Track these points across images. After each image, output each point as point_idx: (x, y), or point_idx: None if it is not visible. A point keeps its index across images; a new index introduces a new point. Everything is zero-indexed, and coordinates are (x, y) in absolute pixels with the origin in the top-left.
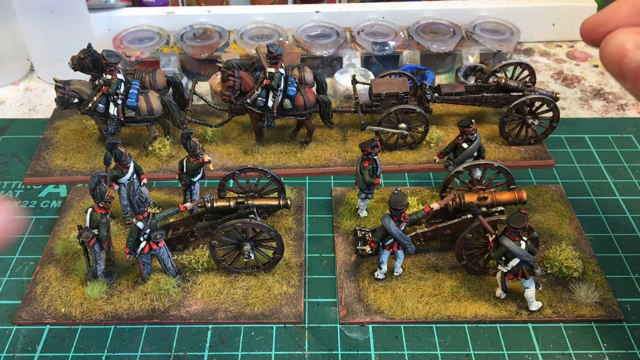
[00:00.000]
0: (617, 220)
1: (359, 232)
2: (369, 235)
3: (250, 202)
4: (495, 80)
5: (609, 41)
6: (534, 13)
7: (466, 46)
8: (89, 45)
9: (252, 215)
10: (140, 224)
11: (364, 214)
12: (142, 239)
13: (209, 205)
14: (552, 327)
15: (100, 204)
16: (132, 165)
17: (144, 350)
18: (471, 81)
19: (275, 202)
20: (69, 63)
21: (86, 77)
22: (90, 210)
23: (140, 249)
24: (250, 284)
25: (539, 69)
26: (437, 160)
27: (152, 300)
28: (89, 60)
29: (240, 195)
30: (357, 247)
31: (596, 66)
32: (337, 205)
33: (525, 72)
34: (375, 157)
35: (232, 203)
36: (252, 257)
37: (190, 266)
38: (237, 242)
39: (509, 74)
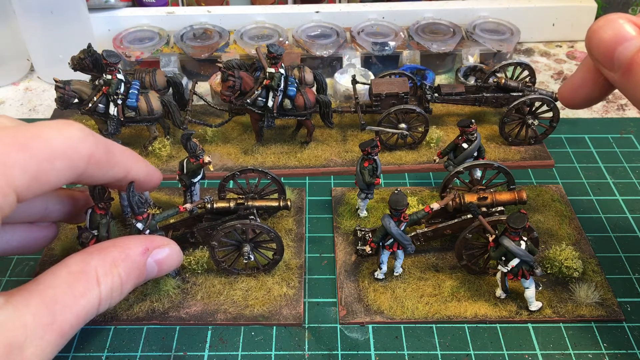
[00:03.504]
0: (617, 220)
1: (359, 232)
2: (369, 236)
3: (250, 203)
4: (495, 80)
5: (602, 27)
6: (534, 13)
7: (466, 46)
8: (89, 45)
9: (252, 217)
10: (139, 225)
11: (364, 214)
12: None
13: (209, 206)
14: (552, 327)
15: (100, 205)
16: None
17: (144, 350)
18: (471, 81)
19: (275, 204)
20: (69, 63)
21: (86, 77)
22: (90, 211)
23: None
24: (250, 285)
25: (539, 69)
26: (437, 160)
27: (152, 301)
28: (89, 61)
29: (240, 197)
30: (357, 247)
31: None
32: (337, 205)
33: (525, 72)
34: (375, 157)
35: (232, 204)
36: (252, 259)
37: (190, 267)
38: (236, 244)
39: (509, 74)
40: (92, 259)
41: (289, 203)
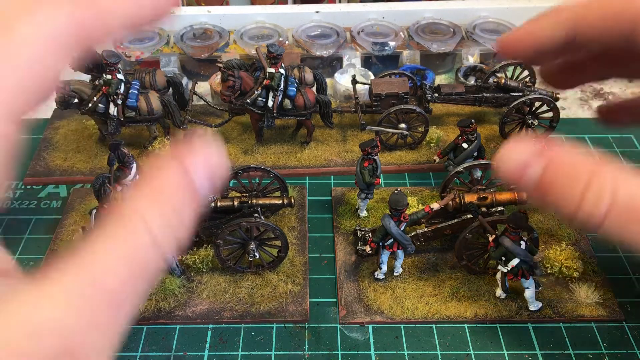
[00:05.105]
0: None
1: (359, 232)
2: (368, 236)
3: (254, 201)
4: (495, 80)
5: (505, 156)
6: (534, 13)
7: (466, 46)
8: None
9: (256, 214)
10: None
11: (363, 214)
12: None
13: (212, 205)
14: (552, 327)
15: (105, 205)
16: (134, 165)
17: (144, 350)
18: (471, 81)
19: (278, 201)
20: (68, 63)
21: (86, 77)
22: (94, 211)
23: None
24: (256, 282)
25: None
26: (437, 160)
27: (158, 300)
28: (89, 61)
29: (244, 195)
30: (357, 247)
31: None
32: (337, 205)
33: (525, 72)
34: (375, 157)
35: (236, 202)
36: (257, 256)
37: (194, 266)
38: (241, 241)
39: (509, 74)
40: (128, 200)
41: (292, 200)
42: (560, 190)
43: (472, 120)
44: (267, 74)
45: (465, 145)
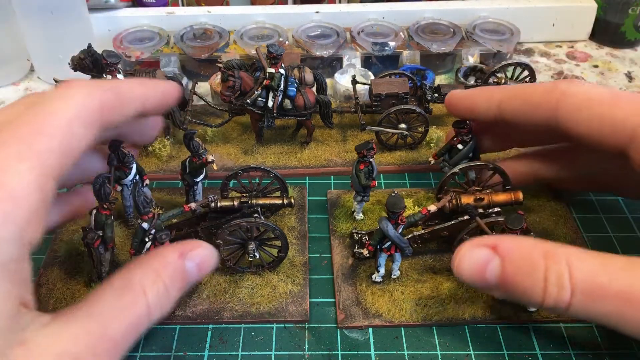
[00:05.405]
0: (617, 220)
1: (355, 234)
2: (365, 238)
3: (254, 201)
4: (495, 80)
5: (462, 260)
6: (534, 13)
7: (466, 46)
8: (89, 46)
9: (256, 215)
10: (145, 225)
11: (360, 216)
12: (147, 239)
13: (213, 205)
14: (552, 327)
15: (105, 205)
16: (134, 166)
17: (144, 350)
18: (471, 81)
19: (279, 201)
20: (69, 63)
21: (86, 77)
22: (94, 212)
23: (145, 249)
24: (255, 283)
25: (539, 69)
26: (432, 162)
27: None
28: (89, 61)
29: (244, 195)
30: (355, 250)
31: (596, 66)
32: (333, 208)
33: (525, 72)
34: (371, 160)
35: (236, 202)
36: (257, 256)
37: None
38: (241, 242)
39: (508, 74)
40: (135, 273)
41: (292, 200)
42: (522, 280)
43: (468, 121)
44: (267, 74)
45: (460, 147)
